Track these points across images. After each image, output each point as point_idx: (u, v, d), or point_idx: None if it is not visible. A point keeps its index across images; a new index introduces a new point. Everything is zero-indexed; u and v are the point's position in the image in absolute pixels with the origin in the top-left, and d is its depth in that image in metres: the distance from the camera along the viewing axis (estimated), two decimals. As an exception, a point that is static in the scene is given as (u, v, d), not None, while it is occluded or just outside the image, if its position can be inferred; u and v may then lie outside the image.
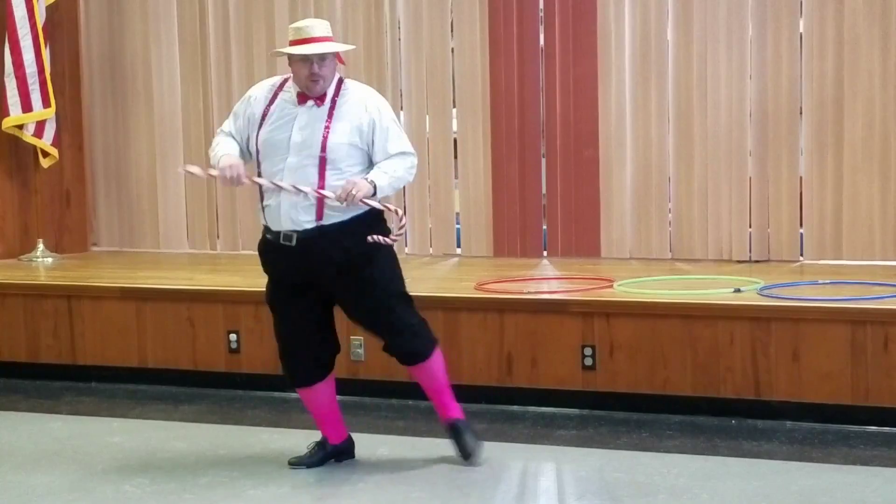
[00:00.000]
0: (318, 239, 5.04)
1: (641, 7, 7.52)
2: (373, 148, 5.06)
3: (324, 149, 5.00)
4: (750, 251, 7.40)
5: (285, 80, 5.17)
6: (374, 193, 4.99)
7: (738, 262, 7.36)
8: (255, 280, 7.13)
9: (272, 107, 5.11)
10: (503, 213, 7.87)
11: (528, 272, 7.30)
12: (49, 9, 8.16)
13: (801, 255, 7.35)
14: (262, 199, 5.15)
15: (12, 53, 8.00)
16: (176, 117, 8.60)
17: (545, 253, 7.84)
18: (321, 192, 4.97)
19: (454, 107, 7.97)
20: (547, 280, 7.13)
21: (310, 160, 5.01)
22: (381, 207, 5.07)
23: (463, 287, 6.75)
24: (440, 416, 5.40)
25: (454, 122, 7.97)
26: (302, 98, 5.07)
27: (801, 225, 7.34)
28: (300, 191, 4.97)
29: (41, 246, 8.30)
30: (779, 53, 7.28)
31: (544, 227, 7.84)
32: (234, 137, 5.21)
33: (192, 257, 8.48)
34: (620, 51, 7.59)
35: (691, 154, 7.48)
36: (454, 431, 5.35)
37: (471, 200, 7.92)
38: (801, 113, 7.30)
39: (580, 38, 7.64)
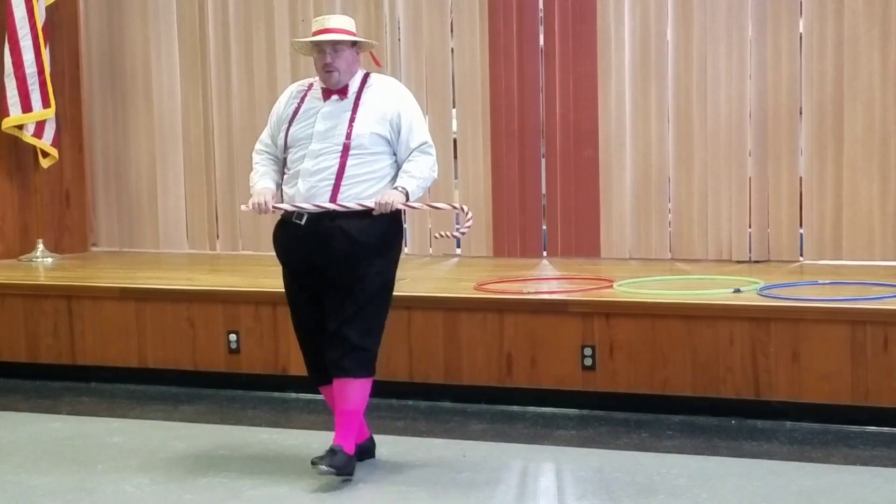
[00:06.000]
0: (327, 221, 5.08)
1: (641, 7, 7.52)
2: (397, 139, 5.16)
3: (349, 136, 5.10)
4: (750, 251, 7.41)
5: (314, 81, 5.30)
6: (408, 199, 5.09)
7: (738, 262, 7.37)
8: (255, 280, 7.17)
9: (301, 106, 5.23)
10: (503, 213, 7.87)
11: (528, 272, 7.30)
12: (49, 9, 8.17)
13: (801, 255, 7.35)
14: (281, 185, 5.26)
15: (12, 54, 8.01)
16: (176, 117, 8.60)
17: (545, 253, 7.84)
18: (357, 206, 5.04)
19: (454, 107, 7.98)
20: (547, 280, 7.13)
21: (333, 146, 5.11)
22: (427, 208, 5.40)
23: (463, 287, 6.75)
24: (335, 434, 5.18)
25: (454, 122, 7.98)
26: (326, 94, 5.19)
27: (800, 225, 7.34)
28: (331, 208, 5.04)
29: (41, 246, 8.30)
30: (779, 53, 7.28)
31: (544, 227, 7.85)
32: (270, 153, 5.31)
33: (191, 257, 8.48)
34: (620, 51, 7.59)
35: (691, 154, 7.49)
36: (331, 450, 5.10)
37: (471, 201, 7.91)
38: (801, 113, 7.31)
39: (580, 38, 7.65)
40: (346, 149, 5.09)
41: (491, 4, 7.80)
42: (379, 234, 5.12)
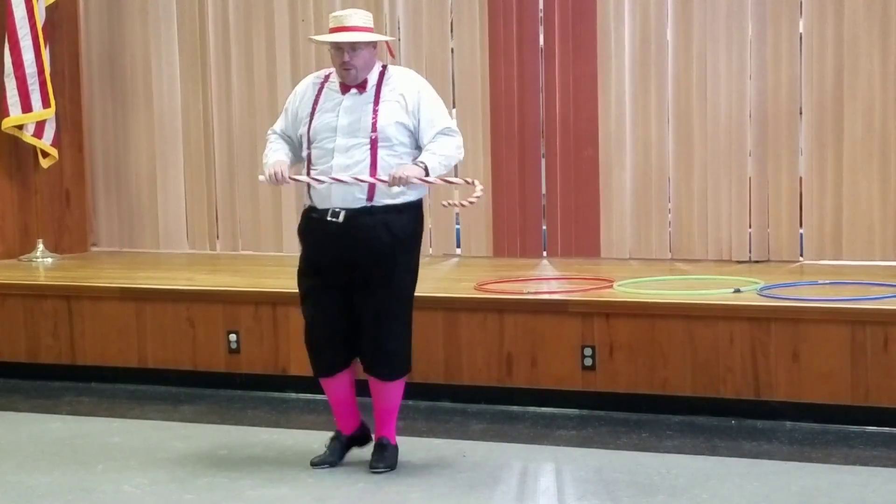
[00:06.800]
0: (367, 217, 5.10)
1: (641, 7, 7.52)
2: (419, 127, 5.18)
3: (374, 129, 5.11)
4: (750, 251, 7.40)
5: (330, 73, 5.28)
6: (427, 175, 5.10)
7: (738, 262, 7.37)
8: (255, 280, 7.17)
9: (320, 97, 5.22)
10: (503, 213, 7.87)
11: (528, 272, 7.30)
12: (49, 9, 8.16)
13: (801, 255, 7.35)
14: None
15: (12, 53, 8.00)
16: (176, 117, 8.60)
17: (545, 253, 7.84)
18: (372, 178, 5.07)
19: (454, 107, 7.97)
20: (547, 280, 7.13)
21: (361, 141, 5.11)
22: (450, 182, 5.39)
23: (463, 287, 6.75)
24: (375, 428, 5.37)
25: (454, 122, 7.96)
26: (344, 87, 5.19)
27: (800, 225, 7.34)
28: (348, 181, 5.05)
29: (41, 246, 8.30)
30: (779, 53, 7.28)
31: (544, 227, 7.84)
32: (283, 137, 5.33)
33: (191, 257, 8.48)
34: (620, 51, 7.59)
35: (691, 154, 7.48)
36: (380, 445, 5.33)
37: (471, 201, 7.91)
38: (801, 113, 7.30)
39: (580, 38, 7.64)
40: (374, 142, 5.11)
41: (491, 4, 7.80)
42: (412, 227, 5.21)
